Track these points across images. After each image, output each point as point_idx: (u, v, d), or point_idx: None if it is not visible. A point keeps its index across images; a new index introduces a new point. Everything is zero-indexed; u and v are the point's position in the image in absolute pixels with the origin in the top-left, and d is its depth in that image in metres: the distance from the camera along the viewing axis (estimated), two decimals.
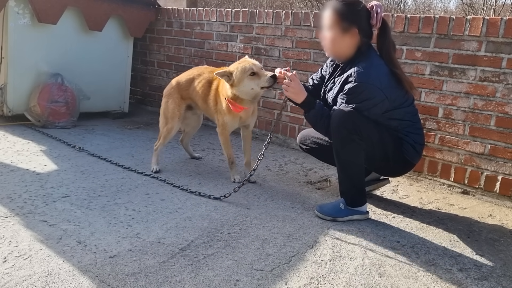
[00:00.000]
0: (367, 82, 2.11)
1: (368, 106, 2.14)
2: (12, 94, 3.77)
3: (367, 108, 2.15)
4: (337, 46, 2.24)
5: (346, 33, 2.18)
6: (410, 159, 2.30)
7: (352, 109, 2.14)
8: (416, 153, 2.31)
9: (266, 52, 3.82)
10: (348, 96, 2.16)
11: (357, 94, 2.13)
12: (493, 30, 2.60)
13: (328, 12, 2.22)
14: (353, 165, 2.25)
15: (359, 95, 2.13)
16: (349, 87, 2.15)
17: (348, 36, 2.19)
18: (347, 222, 2.27)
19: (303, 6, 13.86)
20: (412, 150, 2.28)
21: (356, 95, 2.13)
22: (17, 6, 3.65)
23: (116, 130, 3.99)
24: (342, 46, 2.23)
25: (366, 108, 2.15)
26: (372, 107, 2.15)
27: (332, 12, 2.20)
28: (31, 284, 1.60)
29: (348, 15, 2.17)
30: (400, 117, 2.25)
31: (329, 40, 2.24)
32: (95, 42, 4.18)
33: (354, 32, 2.18)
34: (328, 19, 2.22)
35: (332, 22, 2.20)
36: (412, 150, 2.28)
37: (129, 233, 2.04)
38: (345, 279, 1.76)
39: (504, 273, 1.88)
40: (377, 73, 2.14)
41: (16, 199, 2.32)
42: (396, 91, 2.19)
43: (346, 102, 2.17)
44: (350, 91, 2.15)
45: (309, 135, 2.63)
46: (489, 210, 2.57)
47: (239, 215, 2.30)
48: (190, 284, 1.66)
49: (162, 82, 4.83)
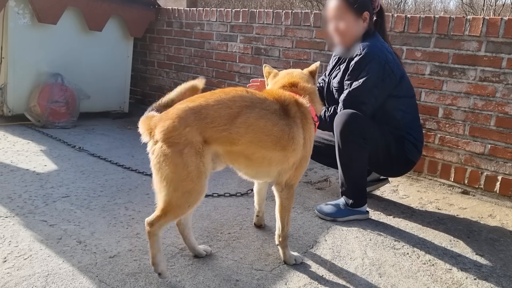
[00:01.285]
0: (373, 52, 2.13)
1: (376, 80, 2.14)
2: (12, 94, 3.77)
3: (375, 83, 2.15)
4: (352, 34, 2.25)
5: (360, 18, 2.21)
6: (412, 158, 2.31)
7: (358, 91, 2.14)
8: (418, 151, 2.33)
9: (266, 52, 3.81)
10: (355, 72, 2.16)
11: (364, 65, 2.13)
12: (493, 30, 2.60)
13: (336, 2, 2.22)
14: (356, 166, 2.25)
15: (366, 67, 2.13)
16: (355, 61, 2.16)
17: (361, 21, 2.22)
18: (347, 222, 2.27)
19: (303, 6, 13.86)
20: (414, 149, 2.29)
21: (363, 66, 2.13)
22: (17, 6, 3.65)
23: (116, 130, 3.99)
24: (356, 33, 2.24)
25: (374, 83, 2.14)
26: (380, 82, 2.15)
27: (341, 2, 2.21)
28: (31, 284, 1.60)
29: (356, 0, 2.19)
30: (404, 108, 2.27)
31: (343, 29, 2.23)
32: (95, 42, 4.18)
33: (366, 15, 2.22)
34: (337, 10, 2.22)
35: (343, 11, 2.21)
36: (414, 148, 2.29)
37: (129, 233, 2.04)
38: (345, 279, 1.76)
39: (504, 273, 1.88)
40: (382, 47, 2.18)
41: (16, 199, 2.32)
42: (400, 68, 2.23)
43: (353, 78, 2.16)
44: (356, 65, 2.15)
45: None
46: (489, 210, 2.57)
47: (239, 215, 2.30)
48: (190, 284, 1.66)
49: (162, 82, 4.84)
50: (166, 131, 1.52)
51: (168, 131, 1.52)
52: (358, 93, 2.17)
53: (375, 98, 2.19)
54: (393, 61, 2.19)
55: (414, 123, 2.32)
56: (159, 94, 4.89)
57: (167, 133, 1.52)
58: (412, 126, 2.30)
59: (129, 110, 4.63)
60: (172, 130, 1.52)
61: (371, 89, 2.15)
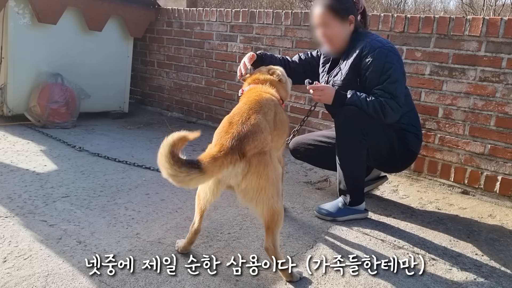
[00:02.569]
0: (382, 47, 2.15)
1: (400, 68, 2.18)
2: (12, 94, 3.76)
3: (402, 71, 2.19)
4: (340, 39, 2.25)
5: (345, 21, 2.23)
6: (414, 149, 2.35)
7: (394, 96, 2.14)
8: (419, 141, 2.37)
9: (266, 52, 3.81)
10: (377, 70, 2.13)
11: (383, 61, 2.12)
12: (493, 30, 2.60)
13: (321, 10, 2.22)
14: (356, 164, 2.25)
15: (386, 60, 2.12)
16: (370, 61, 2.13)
17: (347, 24, 2.24)
18: (347, 222, 2.27)
19: (303, 6, 13.85)
20: (416, 140, 2.33)
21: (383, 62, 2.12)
22: (17, 6, 3.65)
23: (116, 130, 3.99)
24: (344, 37, 2.25)
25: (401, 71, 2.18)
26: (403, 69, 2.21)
27: (325, 8, 2.21)
28: (31, 284, 1.60)
29: (342, 5, 2.21)
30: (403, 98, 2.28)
31: (331, 35, 2.24)
32: (95, 42, 4.18)
33: (352, 18, 2.23)
34: (323, 17, 2.22)
35: (328, 18, 2.21)
36: (415, 139, 2.33)
37: (129, 233, 2.04)
38: (345, 279, 1.76)
39: (504, 273, 1.88)
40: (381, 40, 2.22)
41: (16, 199, 2.32)
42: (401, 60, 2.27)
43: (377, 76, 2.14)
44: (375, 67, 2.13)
45: (301, 142, 2.60)
46: (489, 210, 2.57)
47: (239, 215, 2.30)
48: (190, 284, 1.66)
49: (162, 82, 4.84)
50: (260, 142, 1.68)
51: (261, 142, 1.68)
52: (392, 87, 2.13)
53: (402, 86, 2.22)
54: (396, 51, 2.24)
55: (412, 113, 2.35)
56: (159, 94, 4.90)
57: (261, 144, 1.68)
58: (411, 115, 2.33)
59: (129, 110, 4.63)
60: (263, 143, 1.68)
61: (400, 79, 2.18)
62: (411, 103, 2.38)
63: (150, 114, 4.72)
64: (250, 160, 1.62)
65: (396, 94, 2.14)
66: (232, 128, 1.66)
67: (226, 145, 1.59)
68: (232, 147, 1.59)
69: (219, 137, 1.65)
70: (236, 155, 1.59)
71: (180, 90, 4.66)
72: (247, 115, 1.73)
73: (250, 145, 1.63)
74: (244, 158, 1.61)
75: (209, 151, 1.58)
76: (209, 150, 1.61)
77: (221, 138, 1.64)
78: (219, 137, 1.65)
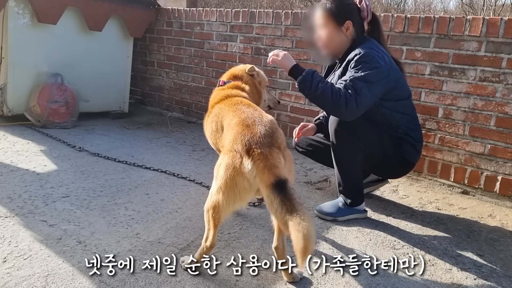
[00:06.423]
0: (371, 54, 2.09)
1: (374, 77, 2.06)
2: (12, 94, 3.76)
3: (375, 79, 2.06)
4: (333, 43, 2.25)
5: (341, 27, 2.21)
6: (410, 159, 2.31)
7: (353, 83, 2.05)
8: (416, 152, 2.32)
9: (266, 52, 3.81)
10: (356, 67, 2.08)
11: (364, 62, 2.07)
12: (493, 30, 2.60)
13: (319, 11, 2.24)
14: (352, 165, 2.25)
15: (366, 64, 2.07)
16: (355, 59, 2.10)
17: (343, 30, 2.22)
18: (347, 222, 2.27)
19: (303, 6, 13.86)
20: (412, 150, 2.28)
21: (363, 64, 2.07)
22: (17, 6, 3.65)
23: (116, 130, 3.99)
24: (338, 41, 2.24)
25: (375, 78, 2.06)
26: (377, 81, 2.07)
27: (323, 10, 2.22)
28: (31, 284, 1.60)
29: (339, 10, 2.20)
30: (402, 109, 2.26)
31: (325, 38, 2.25)
32: (95, 42, 4.18)
33: (348, 25, 2.21)
34: (320, 18, 2.24)
35: (325, 20, 2.22)
36: (412, 149, 2.28)
37: (129, 233, 2.04)
38: (345, 279, 1.76)
39: (504, 273, 1.88)
40: (378, 50, 2.15)
41: (16, 199, 2.32)
42: (398, 72, 2.21)
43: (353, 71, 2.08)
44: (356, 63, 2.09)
45: (305, 136, 2.61)
46: (489, 210, 2.57)
47: (239, 215, 2.30)
48: (190, 284, 1.66)
49: (162, 82, 4.84)
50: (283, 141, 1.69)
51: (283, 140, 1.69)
52: (359, 83, 2.06)
53: (372, 94, 2.10)
54: (390, 64, 2.16)
55: (412, 123, 2.31)
56: (159, 94, 4.90)
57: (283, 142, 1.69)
58: (410, 126, 2.29)
59: (129, 110, 4.63)
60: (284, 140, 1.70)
61: (370, 82, 2.07)
62: (412, 112, 2.32)
63: (150, 114, 4.72)
64: (284, 153, 1.62)
65: (360, 93, 2.02)
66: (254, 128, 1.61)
67: (262, 143, 1.56)
68: (269, 144, 1.57)
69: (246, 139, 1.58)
70: (276, 149, 1.57)
71: (180, 90, 4.66)
72: (258, 114, 1.71)
73: (280, 138, 1.65)
74: (280, 151, 1.59)
75: (268, 162, 1.51)
76: (265, 161, 1.51)
77: (251, 141, 1.57)
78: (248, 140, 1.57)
